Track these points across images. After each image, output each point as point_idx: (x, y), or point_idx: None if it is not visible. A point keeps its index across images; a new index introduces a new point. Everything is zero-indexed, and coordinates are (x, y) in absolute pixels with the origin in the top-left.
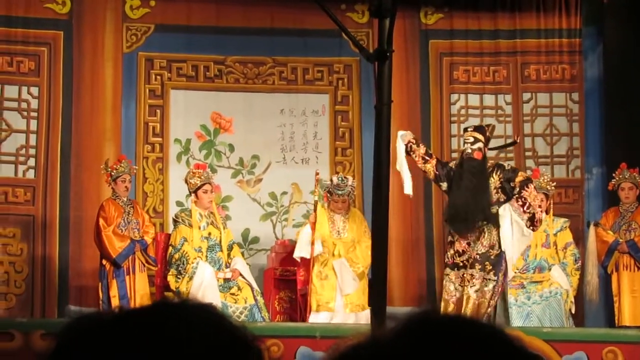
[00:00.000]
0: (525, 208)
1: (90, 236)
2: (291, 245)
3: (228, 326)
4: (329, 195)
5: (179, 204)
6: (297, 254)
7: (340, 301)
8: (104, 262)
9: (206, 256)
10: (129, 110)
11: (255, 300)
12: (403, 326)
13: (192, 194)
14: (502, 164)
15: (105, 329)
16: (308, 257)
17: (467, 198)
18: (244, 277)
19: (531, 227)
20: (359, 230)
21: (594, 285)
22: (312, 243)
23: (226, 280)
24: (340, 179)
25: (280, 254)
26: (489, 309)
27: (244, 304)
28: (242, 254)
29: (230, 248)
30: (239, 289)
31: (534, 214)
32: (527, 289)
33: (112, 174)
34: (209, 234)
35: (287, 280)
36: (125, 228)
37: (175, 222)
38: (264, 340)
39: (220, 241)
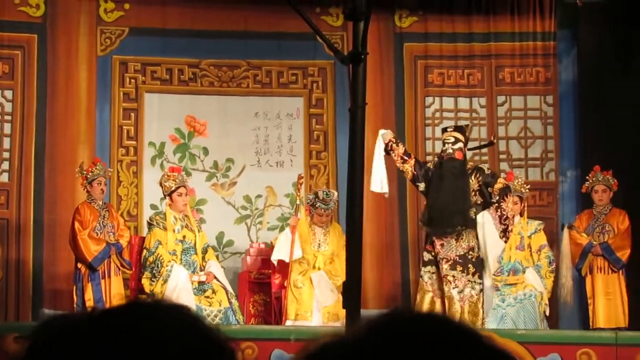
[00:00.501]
0: (502, 220)
1: (64, 239)
2: (266, 249)
3: (201, 327)
4: (312, 208)
5: (153, 207)
6: (275, 257)
7: (317, 313)
8: (79, 265)
9: (180, 259)
10: (103, 114)
11: (230, 303)
12: (371, 325)
13: (167, 197)
14: (481, 167)
15: (78, 330)
16: (287, 260)
17: (447, 199)
18: (218, 280)
19: (504, 239)
20: (338, 244)
21: (568, 287)
22: (292, 247)
23: (201, 283)
24: (325, 193)
25: (255, 257)
26: (483, 315)
27: (218, 306)
28: (217, 257)
29: (204, 251)
30: (214, 292)
31: (507, 227)
32: (501, 291)
33: (88, 176)
34: (184, 237)
35: (261, 283)
36: (100, 232)
37: (149, 225)
38: (237, 342)
39: (195, 244)
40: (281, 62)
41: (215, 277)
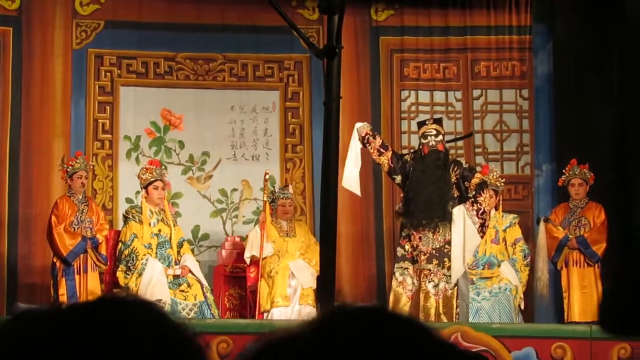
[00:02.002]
0: (479, 214)
1: (40, 233)
2: (241, 242)
3: (170, 323)
4: (273, 204)
5: (128, 200)
6: (248, 254)
7: (294, 299)
8: (55, 259)
9: (156, 253)
10: (78, 107)
11: (205, 297)
12: (317, 320)
13: (143, 190)
14: (459, 160)
15: (46, 325)
16: (258, 256)
17: (431, 191)
18: (193, 274)
19: (480, 234)
20: (306, 237)
21: (544, 281)
22: (262, 243)
23: (175, 277)
24: (279, 188)
25: (230, 250)
26: (457, 309)
27: (193, 300)
28: (192, 250)
29: (180, 245)
30: (189, 285)
31: (485, 221)
32: (476, 285)
33: (68, 170)
34: (159, 230)
35: (237, 277)
36: (78, 226)
37: (125, 218)
38: (207, 339)
39: (171, 238)
40: (257, 55)
41: (190, 271)
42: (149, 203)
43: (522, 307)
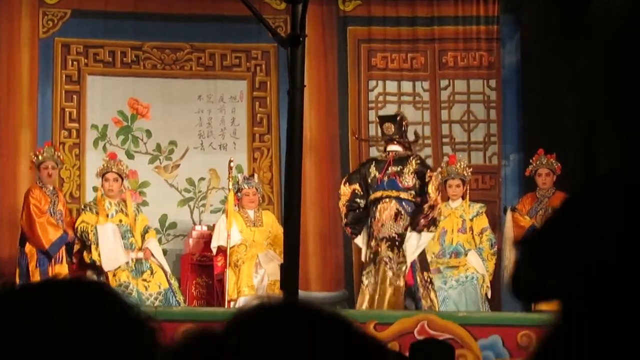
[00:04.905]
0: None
1: (7, 223)
2: (209, 232)
3: (120, 305)
4: (238, 194)
5: (95, 189)
6: (215, 244)
7: (262, 285)
8: (25, 250)
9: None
10: (45, 96)
11: (169, 283)
12: (235, 317)
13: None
14: (419, 154)
15: None
16: (225, 244)
17: None
18: (155, 258)
19: (432, 227)
20: (274, 227)
21: (511, 269)
22: (228, 232)
23: (138, 262)
24: (244, 177)
25: (198, 239)
26: (429, 303)
27: (157, 289)
28: (160, 239)
29: (145, 232)
30: (152, 273)
31: (434, 217)
32: (443, 273)
33: (35, 160)
34: (120, 220)
35: (204, 265)
36: (52, 218)
37: (83, 209)
38: (159, 323)
39: (131, 227)
40: (224, 45)
41: (152, 255)
42: (106, 194)
43: (489, 295)
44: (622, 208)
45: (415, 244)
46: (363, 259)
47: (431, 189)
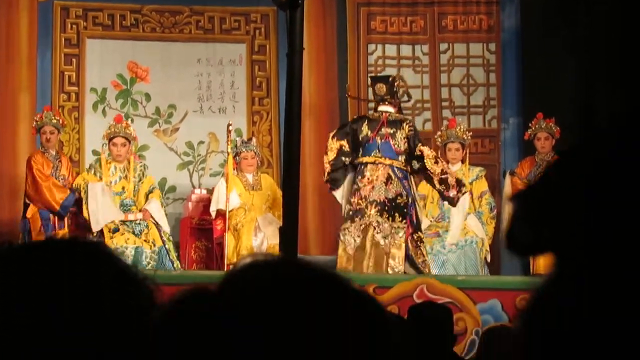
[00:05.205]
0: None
1: (7, 188)
2: (208, 195)
3: (116, 264)
4: (236, 158)
5: (95, 153)
6: (213, 208)
7: (262, 248)
8: (27, 215)
9: (118, 207)
10: (44, 60)
11: (163, 242)
12: (229, 275)
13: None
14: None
15: None
16: (224, 208)
17: None
18: (153, 218)
19: (463, 189)
20: (272, 190)
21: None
22: (227, 196)
23: (135, 223)
24: (242, 140)
25: (197, 203)
26: (421, 258)
27: (152, 247)
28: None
29: (150, 191)
30: (147, 230)
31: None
32: (442, 237)
33: (34, 125)
34: (122, 188)
35: (203, 229)
36: (57, 181)
37: (88, 170)
38: (158, 285)
39: (133, 196)
40: (224, 8)
41: (152, 216)
42: (112, 159)
43: (488, 259)
44: (617, 159)
45: (460, 217)
46: (343, 214)
47: (429, 164)
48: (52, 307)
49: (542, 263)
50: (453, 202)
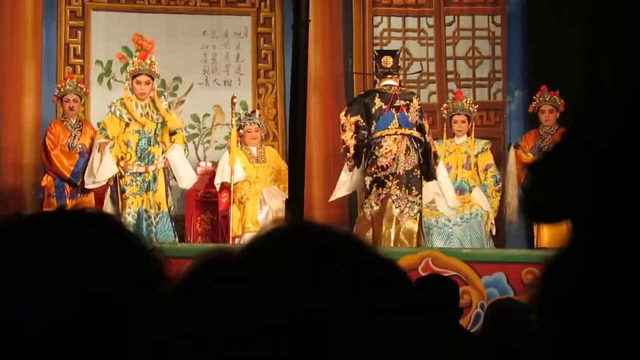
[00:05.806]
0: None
1: (12, 157)
2: (213, 168)
3: (123, 235)
4: (240, 131)
5: (100, 125)
6: (218, 181)
7: (267, 221)
8: (42, 183)
9: (135, 150)
10: (49, 32)
11: (168, 208)
12: (251, 241)
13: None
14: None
15: (3, 234)
16: (229, 181)
17: None
18: (171, 171)
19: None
20: (277, 163)
21: (514, 206)
22: (232, 169)
23: (149, 178)
24: (246, 112)
25: (202, 176)
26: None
27: (157, 209)
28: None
29: (173, 132)
30: (154, 191)
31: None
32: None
33: (57, 93)
34: (143, 126)
35: (209, 202)
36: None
37: (109, 110)
38: (167, 257)
39: (156, 133)
40: None
41: (170, 167)
42: (135, 97)
43: (494, 232)
44: (629, 125)
45: (447, 181)
46: (367, 186)
47: (429, 139)
48: (59, 278)
49: (546, 236)
50: (434, 176)
